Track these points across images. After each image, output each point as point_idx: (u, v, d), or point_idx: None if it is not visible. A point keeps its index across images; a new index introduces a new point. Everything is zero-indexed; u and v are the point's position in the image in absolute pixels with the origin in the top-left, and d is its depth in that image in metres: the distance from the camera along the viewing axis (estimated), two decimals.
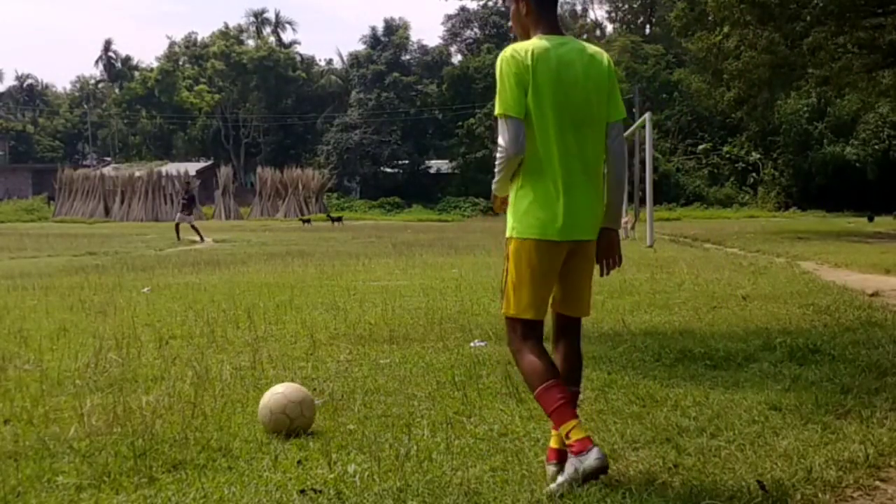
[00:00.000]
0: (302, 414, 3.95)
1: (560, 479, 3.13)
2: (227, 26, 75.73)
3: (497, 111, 3.25)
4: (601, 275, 3.47)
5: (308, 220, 41.12)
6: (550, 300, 3.39)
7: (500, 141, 3.25)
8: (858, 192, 45.12)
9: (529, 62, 3.20)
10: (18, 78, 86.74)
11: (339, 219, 40.91)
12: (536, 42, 3.28)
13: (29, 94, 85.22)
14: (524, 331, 3.32)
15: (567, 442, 3.09)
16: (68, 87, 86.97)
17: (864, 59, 25.26)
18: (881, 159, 45.62)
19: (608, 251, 3.42)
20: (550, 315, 3.45)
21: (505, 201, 3.40)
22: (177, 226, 25.24)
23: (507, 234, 3.31)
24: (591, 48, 3.39)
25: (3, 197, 63.91)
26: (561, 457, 3.21)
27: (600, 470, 3.02)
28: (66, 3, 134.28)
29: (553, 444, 3.30)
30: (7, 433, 4.04)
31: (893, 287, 9.94)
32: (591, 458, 3.00)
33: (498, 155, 3.29)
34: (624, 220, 23.87)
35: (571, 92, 3.24)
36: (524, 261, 3.25)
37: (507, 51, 3.29)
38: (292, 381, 5.00)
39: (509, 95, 3.21)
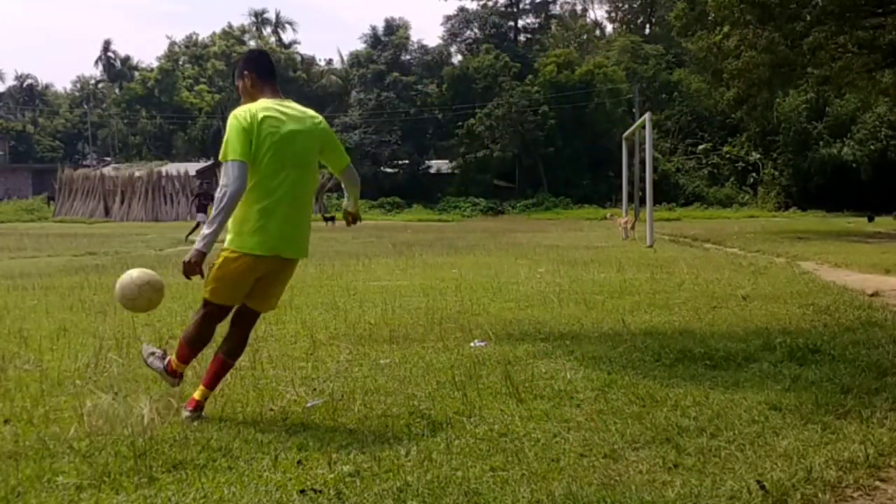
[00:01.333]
0: (140, 294, 4.65)
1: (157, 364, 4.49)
2: (230, 26, 75.76)
3: (225, 156, 4.09)
4: (347, 225, 5.01)
5: (332, 218, 40.70)
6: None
7: (223, 181, 4.05)
8: (858, 193, 45.09)
9: (257, 119, 4.11)
10: (18, 78, 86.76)
11: (332, 218, 40.76)
12: (262, 103, 4.23)
13: (29, 94, 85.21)
14: (216, 311, 4.45)
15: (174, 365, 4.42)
16: (68, 87, 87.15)
17: (863, 58, 25.27)
18: (878, 160, 45.57)
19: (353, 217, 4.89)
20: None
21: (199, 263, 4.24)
22: (196, 225, 25.35)
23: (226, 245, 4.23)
24: (307, 111, 4.37)
25: (2, 197, 63.90)
26: (196, 406, 4.24)
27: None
28: (66, 2, 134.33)
29: (196, 396, 4.29)
30: (7, 433, 4.04)
31: (893, 287, 9.94)
32: (176, 382, 4.47)
33: (219, 194, 4.04)
34: (623, 220, 23.88)
35: (289, 145, 4.16)
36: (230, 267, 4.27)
37: (236, 111, 4.22)
38: (292, 381, 5.01)
39: (238, 143, 4.06)
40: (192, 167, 63.07)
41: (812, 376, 4.94)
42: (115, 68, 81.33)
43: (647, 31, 67.78)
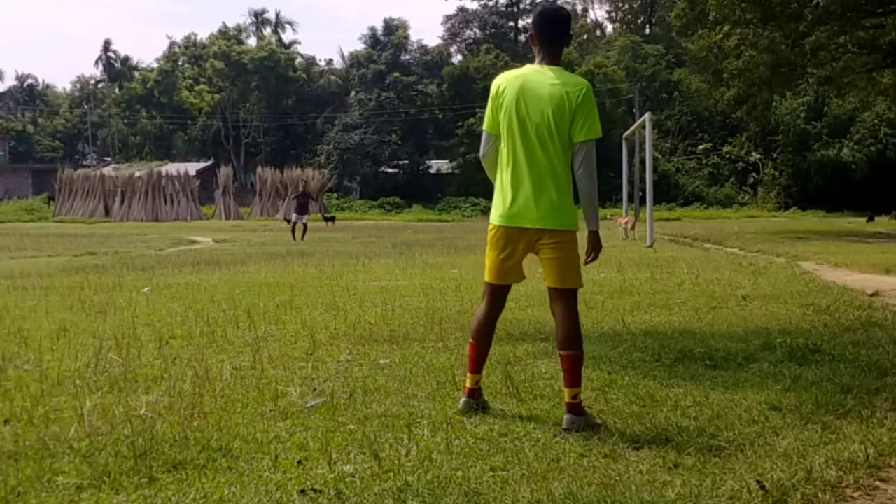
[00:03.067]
0: None
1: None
2: (226, 26, 75.73)
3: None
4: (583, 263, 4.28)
5: (332, 218, 40.76)
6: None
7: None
8: (857, 193, 45.10)
9: (499, 90, 4.15)
10: (18, 78, 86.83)
11: (333, 218, 40.81)
12: (519, 70, 4.22)
13: (29, 94, 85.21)
14: (485, 290, 4.36)
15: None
16: (68, 87, 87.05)
17: (864, 58, 25.26)
18: (876, 159, 45.57)
19: (588, 247, 4.28)
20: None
21: None
22: (293, 226, 25.32)
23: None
24: (573, 79, 4.10)
25: (3, 197, 63.96)
26: (470, 393, 4.29)
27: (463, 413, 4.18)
28: (67, 2, 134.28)
29: (468, 384, 4.31)
30: (7, 433, 4.04)
31: (893, 287, 9.94)
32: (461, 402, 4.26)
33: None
34: (624, 219, 23.87)
35: (531, 112, 4.04)
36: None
37: (497, 77, 4.26)
38: (292, 381, 5.01)
39: (486, 114, 4.24)
40: (192, 167, 63.20)
41: (812, 376, 4.94)
42: (115, 68, 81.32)
43: (648, 31, 67.80)
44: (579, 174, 4.14)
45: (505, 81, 4.14)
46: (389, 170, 63.45)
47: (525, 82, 4.07)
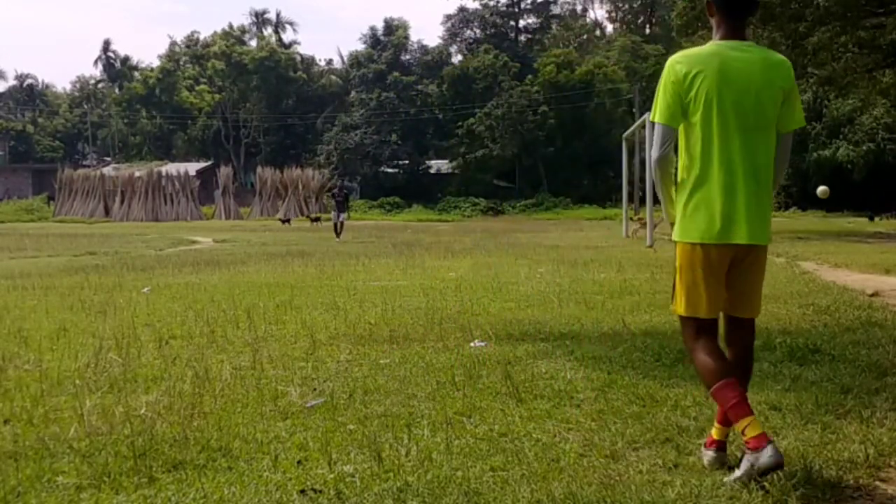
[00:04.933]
0: None
1: (737, 472, 3.19)
2: (231, 26, 75.70)
3: (651, 117, 3.44)
4: None
5: (318, 219, 41.02)
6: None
7: (658, 146, 3.40)
8: (857, 193, 45.06)
9: (689, 73, 3.31)
10: (18, 77, 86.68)
11: (318, 219, 41.01)
12: (706, 48, 3.39)
13: (29, 94, 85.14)
14: (696, 329, 3.40)
15: (744, 438, 3.15)
16: (68, 87, 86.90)
17: (864, 58, 25.25)
18: (873, 161, 45.55)
19: None
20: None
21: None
22: (335, 225, 25.52)
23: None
24: (774, 56, 3.40)
25: (3, 197, 63.97)
26: (719, 445, 3.45)
27: (775, 466, 3.07)
28: (66, 2, 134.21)
29: (715, 435, 3.49)
30: (7, 433, 4.04)
31: (893, 287, 9.94)
32: (765, 456, 3.05)
33: (657, 164, 3.46)
34: (637, 219, 23.75)
35: (741, 98, 3.29)
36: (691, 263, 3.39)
37: (672, 58, 3.43)
38: (292, 381, 5.01)
39: (662, 103, 3.36)
40: (193, 167, 63.19)
41: (812, 376, 4.94)
42: (115, 68, 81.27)
43: (648, 30, 67.76)
44: (780, 168, 3.52)
45: (693, 63, 3.33)
46: (389, 170, 63.47)
47: (725, 62, 3.30)
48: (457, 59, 67.71)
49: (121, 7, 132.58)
